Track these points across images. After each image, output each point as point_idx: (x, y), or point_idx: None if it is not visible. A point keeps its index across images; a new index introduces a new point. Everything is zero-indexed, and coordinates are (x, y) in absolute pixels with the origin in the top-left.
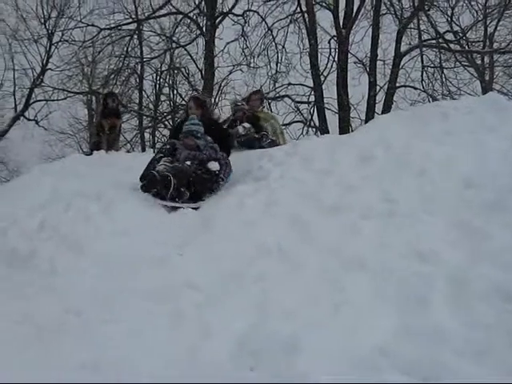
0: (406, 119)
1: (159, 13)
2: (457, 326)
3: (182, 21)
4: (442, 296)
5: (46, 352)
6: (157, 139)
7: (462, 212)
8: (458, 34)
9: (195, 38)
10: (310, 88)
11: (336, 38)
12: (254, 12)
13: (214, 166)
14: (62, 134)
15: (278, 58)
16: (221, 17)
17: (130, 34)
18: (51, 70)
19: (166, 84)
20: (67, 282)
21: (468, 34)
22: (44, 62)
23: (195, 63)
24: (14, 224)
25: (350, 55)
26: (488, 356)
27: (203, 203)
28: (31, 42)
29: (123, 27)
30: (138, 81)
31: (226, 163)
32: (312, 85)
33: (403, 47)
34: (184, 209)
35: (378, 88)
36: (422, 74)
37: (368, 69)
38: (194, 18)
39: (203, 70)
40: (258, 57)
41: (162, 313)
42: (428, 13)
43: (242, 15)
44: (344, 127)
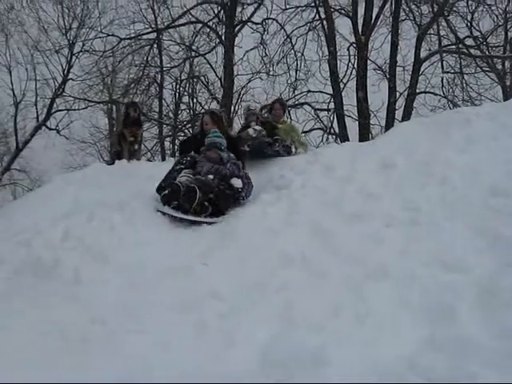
0: (427, 126)
1: (178, 22)
2: (486, 336)
3: (202, 30)
4: (469, 306)
5: (76, 364)
6: (176, 148)
7: (487, 220)
8: (478, 40)
9: (214, 47)
10: (330, 95)
11: (355, 45)
12: (273, 20)
13: (237, 183)
14: (83, 143)
15: (297, 65)
16: (240, 25)
17: (150, 44)
18: (72, 80)
19: (186, 92)
20: (91, 292)
21: (488, 39)
22: (65, 72)
23: (214, 72)
24: (37, 234)
25: (369, 62)
26: None
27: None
28: (52, 52)
29: (143, 37)
30: (157, 90)
31: (249, 182)
32: (331, 92)
33: (423, 53)
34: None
35: (397, 94)
36: (443, 80)
37: (387, 75)
38: (214, 26)
39: (222, 79)
40: (277, 64)
41: (186, 323)
42: (447, 18)
43: (261, 23)
44: (364, 134)
